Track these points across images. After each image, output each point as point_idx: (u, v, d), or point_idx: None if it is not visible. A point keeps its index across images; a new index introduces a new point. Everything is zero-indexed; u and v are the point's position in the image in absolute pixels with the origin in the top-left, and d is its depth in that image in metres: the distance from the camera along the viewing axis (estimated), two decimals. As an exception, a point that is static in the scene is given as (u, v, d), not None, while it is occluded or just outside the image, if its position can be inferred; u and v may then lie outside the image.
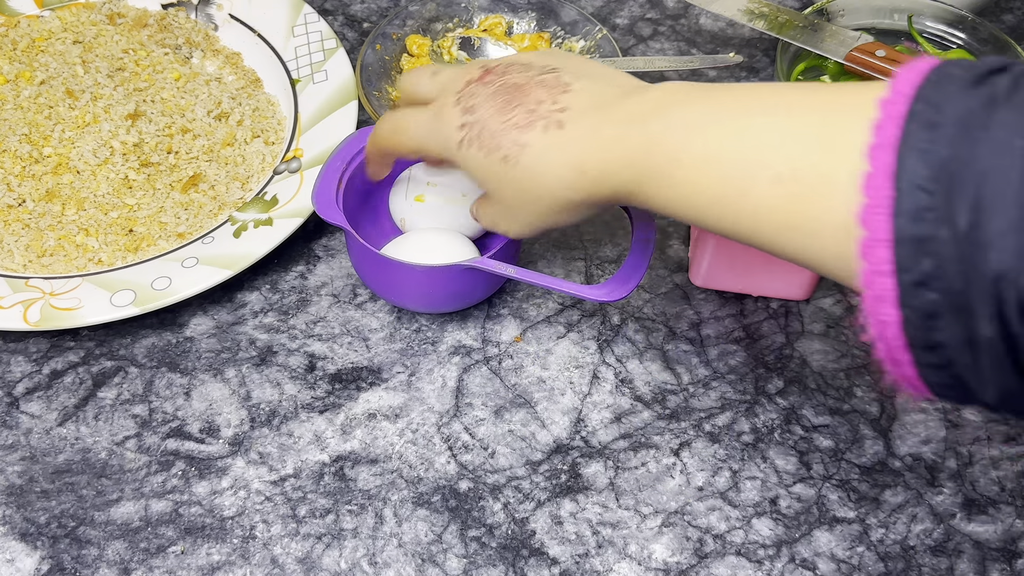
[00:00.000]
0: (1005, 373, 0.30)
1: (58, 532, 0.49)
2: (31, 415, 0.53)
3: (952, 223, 0.29)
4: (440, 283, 0.54)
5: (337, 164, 0.55)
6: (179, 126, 0.64)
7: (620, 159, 0.41)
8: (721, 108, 0.39)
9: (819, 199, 0.34)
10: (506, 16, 0.73)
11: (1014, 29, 0.77)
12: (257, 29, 0.70)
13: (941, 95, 0.31)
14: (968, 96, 0.31)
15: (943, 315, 0.30)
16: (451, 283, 0.54)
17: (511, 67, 0.46)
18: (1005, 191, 0.29)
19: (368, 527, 0.49)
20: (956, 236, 0.29)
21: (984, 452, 0.53)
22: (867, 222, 0.31)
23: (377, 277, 0.55)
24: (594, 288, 0.51)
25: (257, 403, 0.54)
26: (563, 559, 0.49)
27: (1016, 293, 0.28)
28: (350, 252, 0.56)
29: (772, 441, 0.53)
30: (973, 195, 0.29)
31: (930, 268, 0.30)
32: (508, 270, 0.52)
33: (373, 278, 0.56)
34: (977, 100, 0.30)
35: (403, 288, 0.55)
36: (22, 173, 0.61)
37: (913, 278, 0.30)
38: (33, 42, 0.68)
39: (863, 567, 0.49)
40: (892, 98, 0.32)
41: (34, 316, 0.53)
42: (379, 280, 0.55)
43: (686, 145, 0.39)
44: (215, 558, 0.48)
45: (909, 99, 0.32)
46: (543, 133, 0.43)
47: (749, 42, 0.75)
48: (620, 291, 0.51)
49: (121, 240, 0.59)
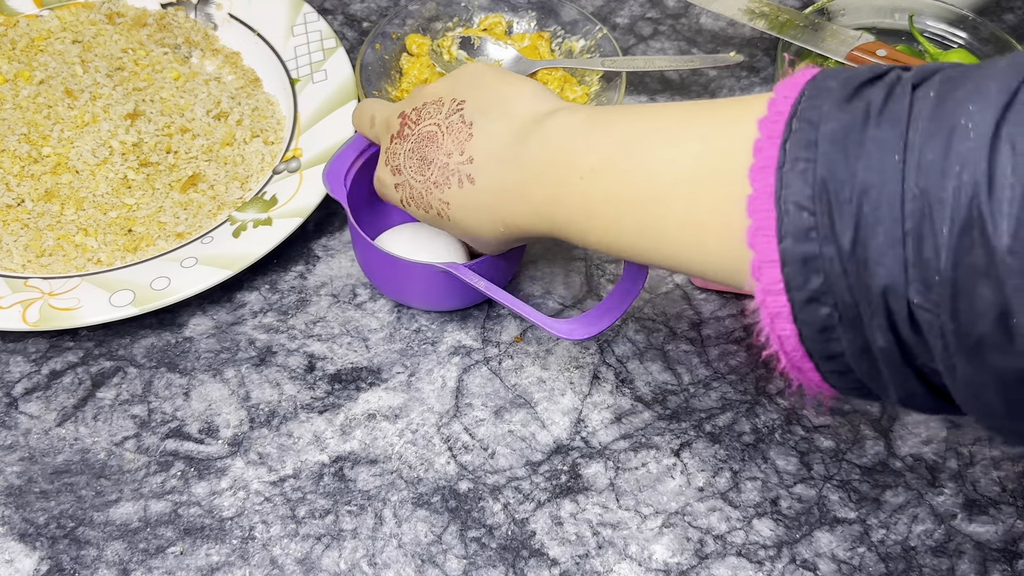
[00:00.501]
0: (904, 376, 0.31)
1: (57, 533, 0.49)
2: (30, 415, 0.53)
3: (836, 241, 0.29)
4: (417, 280, 0.54)
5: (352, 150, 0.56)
6: (178, 126, 0.64)
7: (533, 212, 0.42)
8: (610, 146, 0.39)
9: (715, 224, 0.34)
10: (506, 15, 0.73)
11: (1015, 28, 0.77)
12: (256, 28, 0.70)
13: (816, 113, 0.31)
14: (842, 112, 0.30)
15: (836, 327, 0.31)
16: (426, 282, 0.54)
17: (424, 108, 0.47)
18: (884, 207, 0.28)
19: (368, 528, 0.49)
20: (841, 253, 0.29)
21: (985, 452, 0.53)
22: (754, 244, 0.31)
23: (364, 262, 0.56)
24: (559, 322, 0.48)
25: (256, 403, 0.54)
26: (563, 560, 0.48)
27: (904, 305, 0.29)
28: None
29: (773, 441, 0.53)
30: (854, 213, 0.29)
31: (819, 285, 0.30)
32: (480, 283, 0.50)
33: (363, 263, 0.56)
34: (851, 116, 0.30)
35: (381, 276, 0.56)
36: (21, 173, 0.61)
37: (804, 296, 0.31)
38: (32, 41, 0.68)
39: (864, 568, 0.49)
40: (770, 117, 0.32)
41: (33, 316, 0.53)
42: (366, 265, 0.56)
43: (586, 195, 0.39)
44: (214, 559, 0.48)
45: (786, 118, 0.31)
46: (459, 189, 0.44)
47: (750, 41, 0.75)
48: (584, 331, 0.48)
49: (120, 240, 0.59)
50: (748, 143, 0.32)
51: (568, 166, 0.40)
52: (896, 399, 0.32)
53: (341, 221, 0.62)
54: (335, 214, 0.62)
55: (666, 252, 0.37)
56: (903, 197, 0.28)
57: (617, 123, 0.39)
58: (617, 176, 0.38)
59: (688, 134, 0.36)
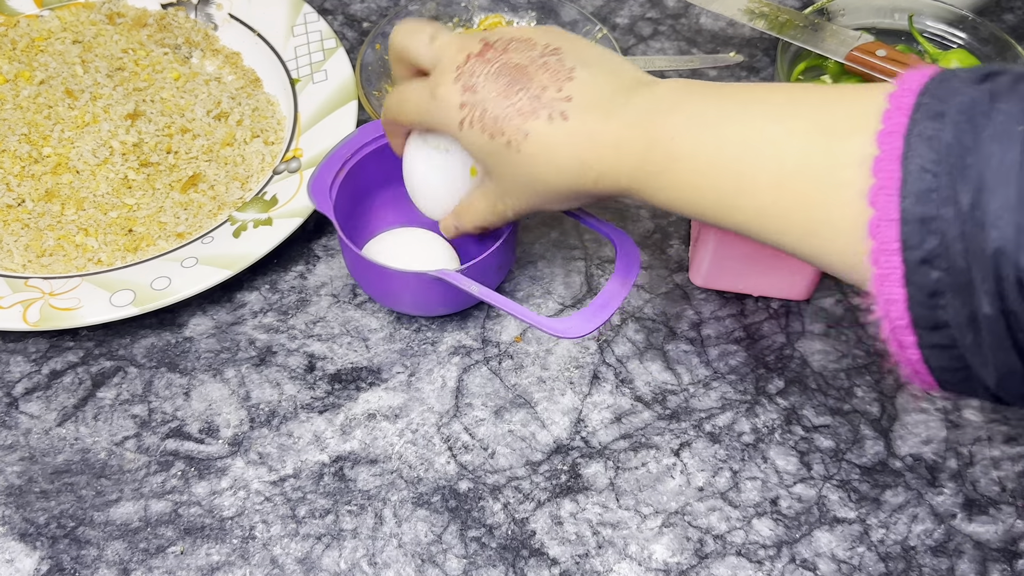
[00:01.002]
0: (1005, 351, 0.32)
1: (57, 532, 0.49)
2: (30, 415, 0.53)
3: (955, 203, 0.31)
4: (410, 289, 0.53)
5: (337, 158, 0.55)
6: (178, 126, 0.64)
7: (623, 159, 0.42)
8: (723, 109, 0.40)
9: (825, 190, 0.36)
10: (506, 15, 0.73)
11: (1015, 29, 0.77)
12: (257, 29, 0.70)
13: (946, 90, 0.33)
14: (972, 89, 0.33)
15: (946, 293, 0.32)
16: (420, 290, 0.53)
17: (512, 43, 0.45)
18: (1005, 172, 0.30)
19: (368, 527, 0.49)
20: (959, 215, 0.31)
21: (985, 452, 0.53)
22: (876, 202, 0.33)
23: (355, 270, 0.55)
24: (556, 321, 0.48)
25: (256, 403, 0.54)
26: (563, 559, 0.49)
27: (1014, 270, 0.30)
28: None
29: (772, 441, 0.53)
30: (975, 177, 0.31)
31: (934, 246, 0.32)
32: (472, 287, 0.50)
33: (354, 273, 0.56)
34: (980, 93, 0.32)
35: (374, 287, 0.55)
36: (21, 173, 0.61)
37: (919, 256, 0.32)
38: (32, 42, 0.68)
39: (864, 567, 0.49)
40: (900, 92, 0.34)
41: (33, 316, 0.53)
42: (357, 274, 0.56)
43: (689, 147, 0.40)
44: (215, 558, 0.48)
45: (916, 93, 0.34)
46: (548, 123, 0.43)
47: (749, 42, 0.75)
48: (581, 328, 0.48)
49: (120, 240, 0.59)
50: (875, 113, 0.34)
51: (673, 118, 0.40)
52: (993, 379, 0.33)
53: (341, 221, 0.62)
54: (335, 214, 0.62)
55: (766, 223, 0.38)
56: (1023, 165, 0.30)
57: (731, 93, 0.40)
58: (723, 135, 0.39)
59: (807, 104, 0.38)
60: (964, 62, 0.66)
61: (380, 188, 0.58)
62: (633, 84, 0.43)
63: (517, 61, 0.44)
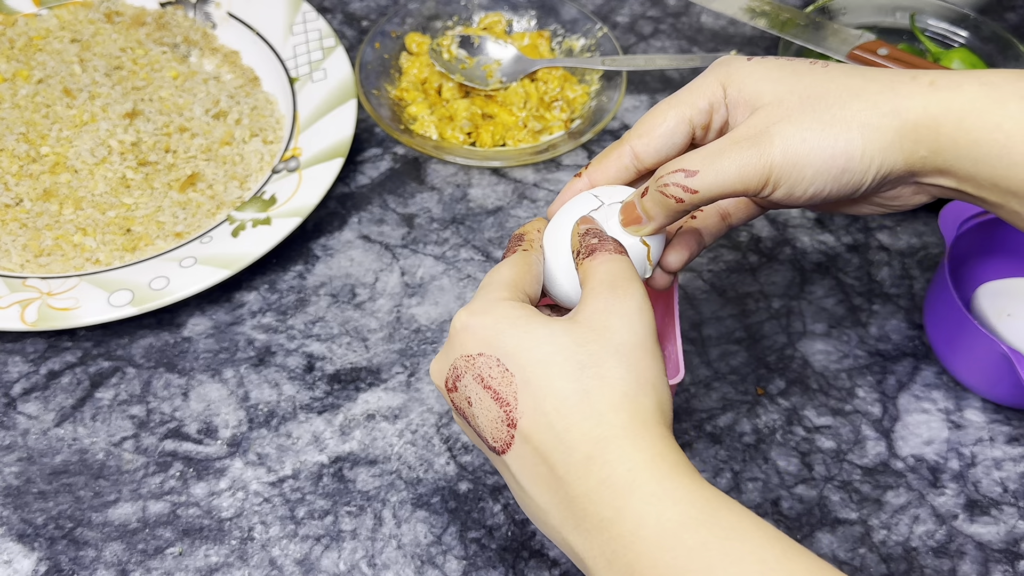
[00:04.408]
0: None
1: (55, 533, 0.48)
2: (28, 416, 0.53)
3: None
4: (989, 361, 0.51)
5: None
6: (177, 125, 0.64)
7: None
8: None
9: None
10: (506, 14, 0.72)
11: (1017, 27, 0.76)
12: (255, 27, 0.70)
13: None
14: None
15: None
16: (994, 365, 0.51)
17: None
18: None
19: (367, 528, 0.49)
20: None
21: (987, 453, 0.53)
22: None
23: (937, 322, 0.55)
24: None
25: (255, 404, 0.53)
26: (563, 560, 0.48)
27: None
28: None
29: (774, 442, 0.53)
30: None
31: None
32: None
33: (934, 322, 0.56)
34: None
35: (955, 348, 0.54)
36: (19, 172, 0.61)
37: None
38: (31, 40, 0.68)
39: (865, 568, 0.49)
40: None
41: (31, 316, 0.53)
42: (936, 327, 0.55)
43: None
44: (213, 559, 0.48)
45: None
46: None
47: (750, 40, 0.74)
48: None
49: (119, 239, 0.58)
50: None
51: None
52: None
53: (340, 221, 0.62)
54: (334, 214, 0.62)
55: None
56: None
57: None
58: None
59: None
60: (966, 61, 0.66)
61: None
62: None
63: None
